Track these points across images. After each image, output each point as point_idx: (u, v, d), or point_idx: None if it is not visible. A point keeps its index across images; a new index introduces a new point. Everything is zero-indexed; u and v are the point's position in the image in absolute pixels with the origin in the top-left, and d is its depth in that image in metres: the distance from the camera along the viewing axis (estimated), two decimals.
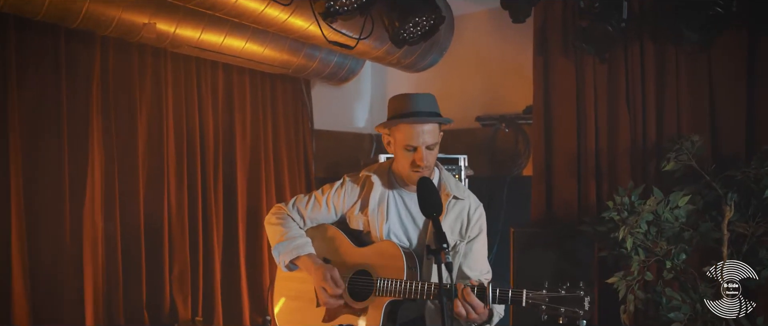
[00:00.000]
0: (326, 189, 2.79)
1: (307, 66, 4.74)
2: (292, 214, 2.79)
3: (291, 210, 2.80)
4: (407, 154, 2.54)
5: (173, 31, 3.78)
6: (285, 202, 2.86)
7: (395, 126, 2.56)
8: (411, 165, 2.54)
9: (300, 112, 5.28)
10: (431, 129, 2.52)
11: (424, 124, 2.50)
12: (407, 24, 3.53)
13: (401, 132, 2.53)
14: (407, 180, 2.63)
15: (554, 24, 4.47)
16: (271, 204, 4.84)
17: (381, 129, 2.66)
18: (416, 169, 2.53)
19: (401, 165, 2.60)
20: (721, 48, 3.91)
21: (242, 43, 4.18)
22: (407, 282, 2.51)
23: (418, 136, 2.49)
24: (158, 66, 4.21)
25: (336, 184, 2.79)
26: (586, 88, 4.33)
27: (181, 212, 4.32)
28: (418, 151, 2.51)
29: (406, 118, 2.52)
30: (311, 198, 2.79)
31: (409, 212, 2.70)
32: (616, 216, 3.60)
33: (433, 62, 4.88)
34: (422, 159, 2.50)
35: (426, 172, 2.55)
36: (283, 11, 3.60)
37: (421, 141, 2.50)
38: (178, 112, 4.34)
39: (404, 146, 2.53)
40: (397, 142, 2.57)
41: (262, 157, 4.90)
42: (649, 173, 4.11)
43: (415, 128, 2.49)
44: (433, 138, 2.52)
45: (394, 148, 2.61)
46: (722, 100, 3.97)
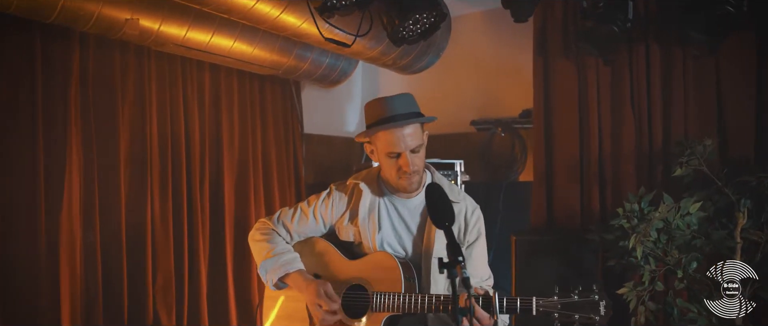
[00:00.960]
0: (312, 200, 2.61)
1: (298, 67, 4.51)
2: (277, 229, 2.61)
3: (276, 225, 2.61)
4: (391, 161, 2.37)
5: (157, 28, 3.53)
6: (269, 216, 2.68)
7: (374, 134, 2.39)
8: (397, 172, 2.38)
9: (290, 115, 5.07)
10: (413, 131, 2.34)
11: (403, 128, 2.32)
12: (407, 21, 3.32)
13: (381, 139, 2.37)
14: (395, 186, 2.46)
15: (555, 25, 4.28)
16: (260, 210, 4.63)
17: (362, 138, 2.50)
18: (403, 176, 2.38)
19: (387, 172, 2.44)
20: (729, 50, 3.75)
21: (230, 43, 3.94)
22: (405, 295, 2.34)
23: (399, 141, 2.32)
24: (141, 65, 3.96)
25: (322, 194, 2.62)
26: (589, 91, 4.14)
27: (165, 219, 4.07)
28: (402, 157, 2.34)
29: (384, 124, 2.34)
30: (297, 211, 2.61)
31: (402, 219, 2.53)
32: (626, 224, 3.40)
33: (429, 64, 4.67)
34: (408, 164, 2.34)
35: (415, 178, 2.41)
36: (276, 7, 3.37)
37: (403, 146, 2.32)
38: (162, 115, 4.09)
39: (387, 153, 2.36)
40: (379, 150, 2.40)
41: (251, 162, 4.68)
42: (655, 178, 3.92)
43: (394, 133, 2.32)
44: (416, 140, 2.35)
45: (378, 157, 2.45)
46: (731, 103, 3.80)
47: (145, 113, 3.98)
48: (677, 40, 3.89)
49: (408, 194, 2.50)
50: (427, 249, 2.46)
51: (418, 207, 2.52)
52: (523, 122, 5.01)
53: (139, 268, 3.88)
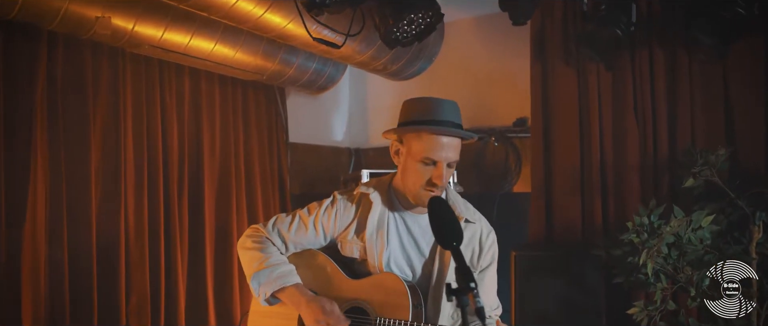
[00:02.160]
0: (313, 208, 2.31)
1: (283, 72, 4.22)
2: (271, 237, 2.30)
3: (271, 233, 2.31)
4: (423, 169, 2.09)
5: (131, 28, 3.23)
6: (262, 223, 2.37)
7: (415, 133, 2.11)
8: (426, 183, 2.10)
9: (274, 123, 4.76)
10: (456, 144, 2.11)
11: (450, 137, 2.09)
12: (401, 21, 3.05)
13: (421, 141, 2.09)
14: (413, 199, 2.17)
15: (553, 28, 4.04)
16: (242, 224, 4.32)
17: (390, 135, 2.21)
18: (431, 189, 2.09)
19: (412, 181, 2.14)
20: (737, 54, 3.53)
21: (211, 45, 3.64)
22: (413, 323, 2.08)
23: (441, 149, 2.06)
24: (115, 68, 3.64)
25: (325, 202, 2.31)
26: (590, 97, 3.90)
27: (140, 234, 3.73)
28: (438, 167, 2.07)
29: (433, 125, 2.08)
30: (295, 219, 2.30)
31: (413, 237, 2.26)
32: (636, 239, 3.14)
33: (420, 70, 4.40)
34: (442, 177, 2.07)
35: (438, 193, 2.11)
36: (260, 5, 3.09)
37: (443, 155, 2.07)
38: (137, 121, 3.77)
39: (422, 158, 2.08)
40: (413, 152, 2.11)
41: (233, 172, 4.36)
42: (661, 190, 3.68)
43: (440, 140, 2.07)
44: (456, 155, 2.11)
45: (405, 160, 2.16)
46: (740, 110, 3.59)
47: (119, 119, 3.65)
48: (683, 43, 3.68)
49: (422, 210, 2.21)
50: (440, 274, 2.20)
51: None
52: (517, 131, 4.81)
53: (111, 287, 3.54)
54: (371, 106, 5.46)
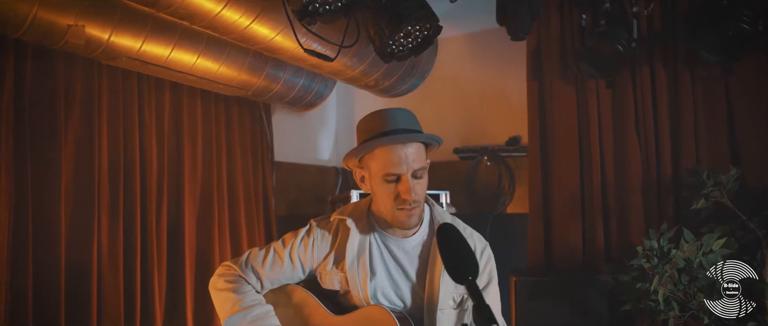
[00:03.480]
0: (288, 239, 2.05)
1: (269, 88, 3.95)
2: (245, 274, 2.03)
3: (244, 270, 2.04)
4: (388, 187, 1.86)
5: (107, 39, 2.95)
6: (235, 259, 2.09)
7: (369, 152, 1.88)
8: (395, 201, 1.86)
9: (259, 141, 4.48)
10: (416, 151, 1.86)
11: (406, 145, 1.84)
12: (398, 33, 2.81)
13: (378, 158, 1.85)
14: (392, 222, 1.92)
15: (550, 44, 3.84)
16: (225, 247, 4.03)
17: (351, 161, 1.96)
18: (403, 207, 1.86)
19: (383, 204, 1.91)
20: (742, 71, 3.37)
21: (193, 58, 3.36)
22: None
23: (400, 161, 1.82)
24: (90, 81, 3.34)
25: (301, 232, 2.06)
26: (590, 116, 3.70)
27: (114, 259, 3.41)
28: (402, 181, 1.83)
29: (382, 137, 1.84)
30: (269, 253, 2.04)
31: (399, 263, 2.00)
32: (647, 264, 2.91)
33: (412, 87, 4.16)
34: (409, 190, 1.82)
35: (416, 210, 1.88)
36: (246, 14, 2.83)
37: (404, 167, 1.82)
38: (114, 138, 3.47)
39: (383, 176, 1.85)
40: (374, 173, 1.88)
41: (215, 192, 4.07)
42: (665, 211, 3.48)
43: (395, 151, 1.83)
44: (420, 162, 1.86)
45: (371, 183, 1.92)
46: (745, 128, 3.41)
47: (94, 135, 3.35)
48: (685, 60, 3.50)
49: (404, 232, 1.97)
50: (431, 300, 1.94)
51: (416, 247, 2.00)
52: (510, 150, 4.62)
53: (81, 316, 3.20)
54: None
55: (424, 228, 1.99)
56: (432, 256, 1.95)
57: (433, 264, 1.94)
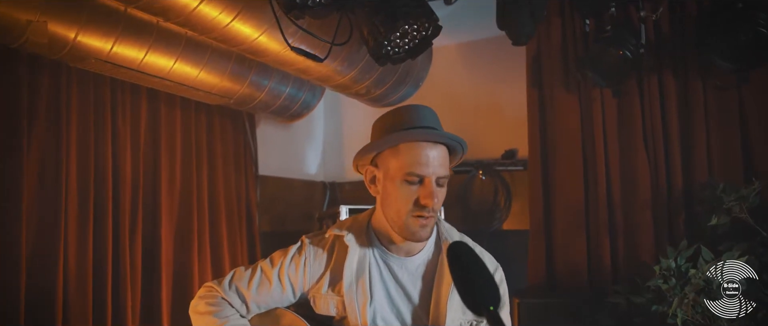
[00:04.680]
0: (277, 257, 1.78)
1: (253, 96, 3.65)
2: (229, 297, 1.76)
3: (227, 292, 1.76)
4: (407, 190, 1.60)
5: (74, 38, 2.64)
6: (217, 280, 1.81)
7: (392, 147, 1.61)
8: (413, 206, 1.60)
9: (242, 153, 4.19)
10: (443, 155, 1.63)
11: (434, 146, 1.60)
12: (394, 33, 2.52)
13: (403, 155, 1.59)
14: (401, 232, 1.64)
15: (552, 51, 3.59)
16: (205, 266, 3.71)
17: (364, 157, 1.69)
18: (420, 214, 1.60)
19: (395, 209, 1.63)
20: (756, 80, 3.12)
21: (170, 62, 3.06)
22: None
23: (428, 161, 1.58)
24: (57, 85, 3.03)
25: (292, 250, 1.79)
26: (594, 126, 3.44)
27: (82, 281, 3.07)
28: (425, 185, 1.58)
29: (411, 129, 1.60)
30: (256, 273, 1.77)
31: (400, 285, 1.73)
32: (664, 285, 2.63)
33: (405, 96, 3.88)
34: (431, 195, 1.57)
35: (431, 221, 1.63)
36: (227, 11, 2.53)
37: (430, 169, 1.58)
38: (83, 148, 3.15)
39: (404, 175, 1.59)
40: (393, 172, 1.61)
41: (195, 208, 3.76)
42: (676, 228, 3.20)
43: (423, 149, 1.59)
44: (445, 168, 1.63)
45: (384, 186, 1.65)
46: (760, 140, 3.14)
47: (61, 145, 3.03)
48: (696, 68, 3.25)
49: (408, 250, 1.71)
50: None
51: (420, 267, 1.73)
52: (506, 164, 4.36)
53: None
54: (348, 136, 4.95)
55: (429, 246, 1.73)
56: (437, 277, 1.69)
57: (438, 286, 1.68)
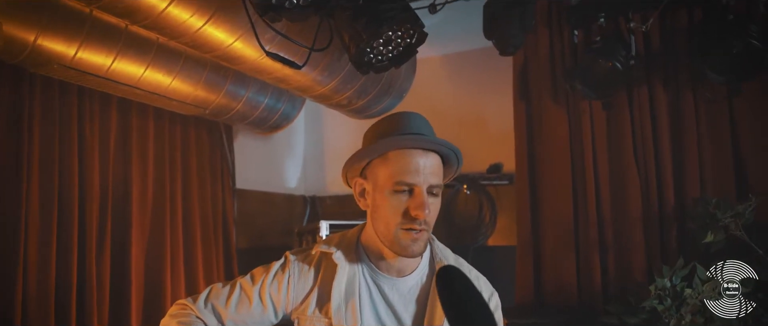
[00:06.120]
0: (259, 274, 1.60)
1: (230, 106, 3.45)
2: (203, 316, 1.58)
3: (202, 310, 1.58)
4: (397, 199, 1.44)
5: (33, 41, 2.42)
6: (192, 297, 1.62)
7: (380, 156, 1.46)
8: (402, 218, 1.44)
9: (219, 166, 3.97)
10: (436, 164, 1.48)
11: (426, 154, 1.45)
12: (377, 39, 2.34)
13: (391, 163, 1.45)
14: (391, 246, 1.47)
15: (539, 63, 3.44)
16: (178, 285, 3.48)
17: (353, 167, 1.53)
18: (410, 227, 1.43)
19: (384, 222, 1.47)
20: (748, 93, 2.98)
21: (140, 70, 2.86)
22: None
23: (417, 169, 1.43)
24: (19, 93, 2.81)
25: (275, 267, 1.61)
26: (584, 140, 3.29)
27: (43, 302, 2.83)
28: (416, 195, 1.42)
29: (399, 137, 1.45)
30: (235, 290, 1.60)
31: (390, 307, 1.56)
32: (661, 307, 2.46)
33: (388, 107, 3.70)
34: (423, 206, 1.41)
35: (424, 235, 1.45)
36: (198, 14, 2.33)
37: (421, 178, 1.43)
38: (46, 158, 2.93)
39: (393, 185, 1.44)
40: (381, 182, 1.46)
41: (168, 223, 3.54)
42: (668, 245, 3.05)
43: (413, 156, 1.44)
44: (437, 177, 1.47)
45: (374, 198, 1.49)
46: (753, 155, 3.01)
47: (21, 156, 2.80)
48: (687, 80, 3.11)
49: (400, 270, 1.54)
50: None
51: (412, 290, 1.56)
52: (491, 178, 4.17)
53: None
54: (329, 149, 4.76)
55: (423, 267, 1.56)
56: (431, 301, 1.53)
57: (432, 310, 1.52)
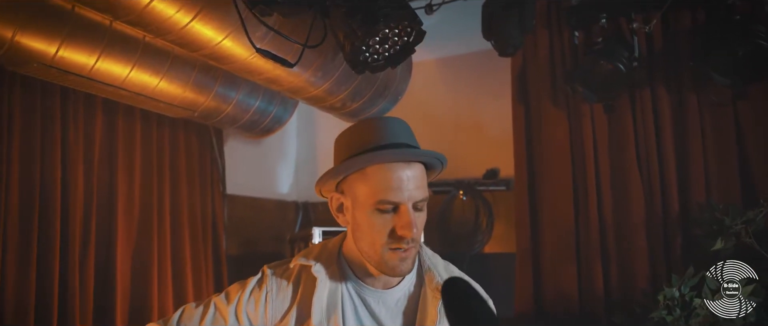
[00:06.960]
0: (234, 291, 1.51)
1: (220, 109, 3.31)
2: None
3: None
4: (381, 219, 1.34)
5: (11, 38, 2.27)
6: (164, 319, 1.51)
7: (358, 171, 1.36)
8: (388, 238, 1.34)
9: (208, 170, 3.82)
10: (420, 175, 1.38)
11: (408, 166, 1.35)
12: (373, 37, 2.21)
13: (371, 180, 1.34)
14: (378, 267, 1.38)
15: (539, 65, 3.32)
16: (166, 295, 3.35)
17: (327, 184, 1.42)
18: (397, 246, 1.34)
19: (368, 242, 1.37)
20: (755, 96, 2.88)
21: (126, 70, 2.71)
22: None
23: (401, 186, 1.33)
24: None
25: (250, 283, 1.51)
26: (585, 144, 3.16)
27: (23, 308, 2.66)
28: (401, 213, 1.32)
29: (381, 151, 1.34)
30: (209, 310, 1.49)
31: (377, 321, 1.46)
32: (669, 317, 2.34)
33: (383, 110, 3.57)
34: (410, 225, 1.31)
35: (413, 252, 1.37)
36: (185, 9, 2.19)
37: (405, 194, 1.32)
38: (27, 162, 2.77)
39: (375, 204, 1.34)
40: (361, 200, 1.36)
41: (155, 230, 3.38)
42: (673, 252, 2.93)
43: (395, 171, 1.33)
44: (423, 190, 1.37)
45: (354, 215, 1.39)
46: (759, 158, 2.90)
47: (2, 158, 2.66)
48: (691, 82, 3.00)
49: (387, 282, 1.44)
50: None
51: (400, 302, 1.46)
52: (488, 184, 4.07)
53: None
54: (322, 153, 4.63)
55: (410, 277, 1.46)
56: (421, 312, 1.44)
57: (422, 322, 1.43)
